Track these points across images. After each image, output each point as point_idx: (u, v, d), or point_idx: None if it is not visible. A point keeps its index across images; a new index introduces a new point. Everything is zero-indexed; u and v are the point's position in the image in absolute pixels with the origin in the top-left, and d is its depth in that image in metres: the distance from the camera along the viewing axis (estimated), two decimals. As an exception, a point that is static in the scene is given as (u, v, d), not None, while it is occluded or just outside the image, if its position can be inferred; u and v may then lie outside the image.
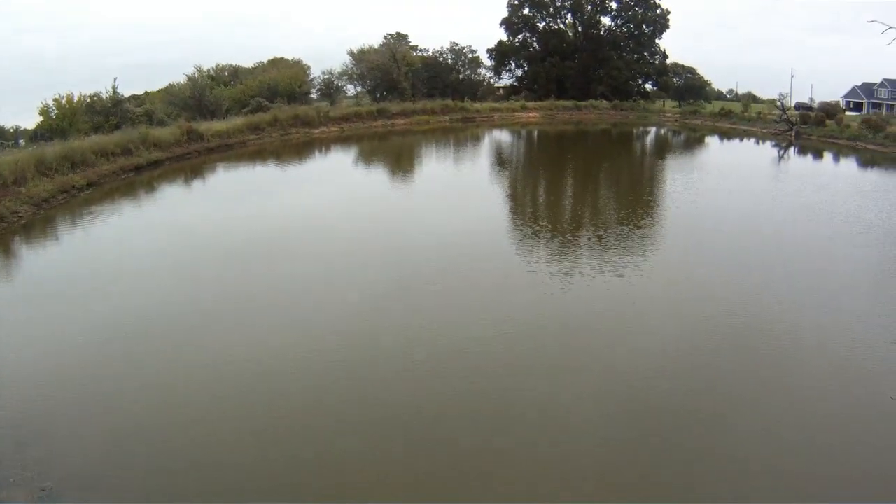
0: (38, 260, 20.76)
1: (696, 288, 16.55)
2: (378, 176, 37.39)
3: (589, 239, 20.96)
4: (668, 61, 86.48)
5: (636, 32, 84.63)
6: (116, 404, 10.71)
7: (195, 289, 17.09)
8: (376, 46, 75.39)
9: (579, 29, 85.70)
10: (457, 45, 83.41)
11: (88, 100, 48.36)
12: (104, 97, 49.06)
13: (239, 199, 30.08)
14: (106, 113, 47.92)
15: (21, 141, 47.12)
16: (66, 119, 45.42)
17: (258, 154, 45.71)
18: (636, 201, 26.89)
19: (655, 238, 21.23)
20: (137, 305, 15.68)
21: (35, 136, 45.53)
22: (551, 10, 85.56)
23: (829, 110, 63.83)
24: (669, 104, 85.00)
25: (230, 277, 17.88)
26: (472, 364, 12.18)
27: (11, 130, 50.77)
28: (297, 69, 69.95)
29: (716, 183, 32.14)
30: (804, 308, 15.22)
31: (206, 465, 9.13)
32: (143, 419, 10.22)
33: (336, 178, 36.53)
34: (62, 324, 14.68)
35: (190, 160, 41.54)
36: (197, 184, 35.95)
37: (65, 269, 19.65)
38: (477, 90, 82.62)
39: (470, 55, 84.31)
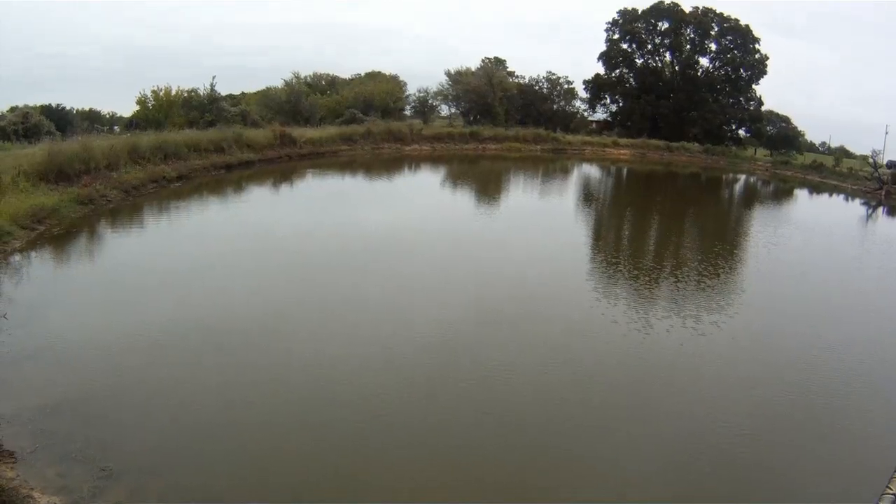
0: (120, 245, 20.29)
1: (776, 352, 14.45)
2: (464, 200, 35.74)
3: (671, 290, 18.76)
4: (763, 108, 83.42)
5: (733, 76, 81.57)
6: (181, 397, 10.43)
7: (270, 291, 16.29)
8: (473, 69, 74.60)
9: (676, 68, 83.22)
10: (553, 74, 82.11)
11: (186, 94, 48.49)
12: (201, 93, 49.12)
13: (325, 208, 29.05)
14: (202, 109, 47.81)
15: (116, 127, 47.55)
16: (163, 111, 45.59)
17: (348, 165, 44.91)
18: (720, 254, 24.49)
19: (738, 295, 18.82)
20: (213, 302, 15.16)
21: (130, 124, 45.86)
22: (650, 47, 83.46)
23: (923, 170, 60.31)
24: (761, 152, 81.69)
25: (305, 284, 17.06)
26: (545, 407, 11.02)
27: (108, 116, 51.36)
28: (393, 84, 69.31)
29: (802, 242, 29.48)
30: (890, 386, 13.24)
31: (265, 471, 8.66)
32: (205, 415, 9.96)
33: (422, 197, 35.24)
34: (136, 312, 14.19)
35: (281, 164, 41.08)
36: (285, 188, 35.23)
37: (144, 258, 19.13)
38: (570, 122, 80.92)
39: (566, 86, 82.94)
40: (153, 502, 7.83)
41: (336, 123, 55.26)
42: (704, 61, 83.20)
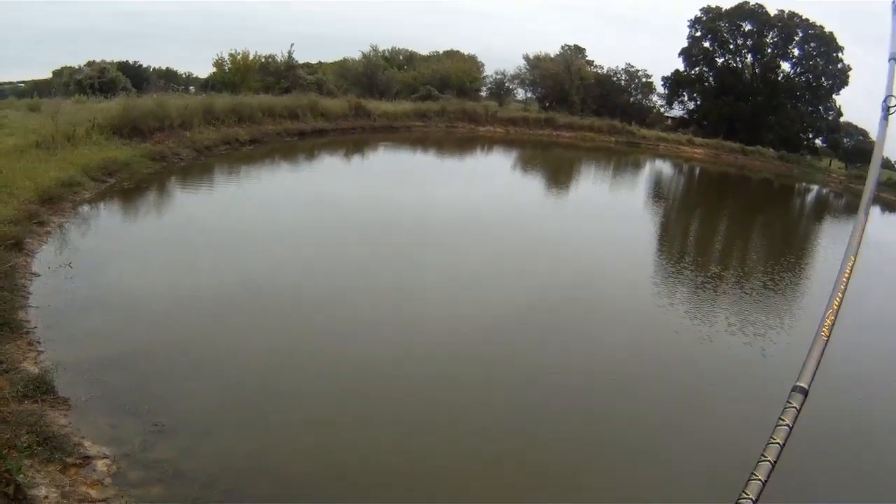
0: (189, 203, 20.26)
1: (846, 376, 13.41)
2: (533, 185, 34.60)
3: (738, 302, 17.02)
4: (842, 119, 79.92)
5: (814, 84, 77.84)
6: (242, 361, 10.16)
7: (338, 262, 15.89)
8: (553, 55, 73.11)
9: (757, 71, 79.90)
10: (632, 66, 79.97)
11: (263, 60, 48.48)
12: (279, 60, 48.98)
13: (395, 182, 28.52)
14: (278, 75, 47.78)
15: (191, 87, 47.78)
16: (239, 74, 45.65)
17: (421, 141, 44.30)
18: (789, 267, 22.30)
19: (806, 315, 17.58)
20: (279, 268, 14.79)
21: (206, 85, 46.10)
22: (732, 47, 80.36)
23: None
24: (836, 164, 78.43)
25: (371, 258, 16.47)
26: (601, 405, 10.49)
27: (183, 76, 51.65)
28: (470, 64, 68.09)
29: (875, 262, 27.34)
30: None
31: (322, 443, 8.43)
32: (265, 381, 9.70)
33: (492, 179, 34.17)
34: (201, 271, 14.08)
35: (354, 135, 40.73)
36: (357, 159, 34.94)
37: (212, 218, 19.06)
38: (646, 116, 78.68)
39: (644, 79, 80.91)
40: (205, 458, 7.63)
41: (411, 99, 54.69)
42: (786, 66, 79.68)
